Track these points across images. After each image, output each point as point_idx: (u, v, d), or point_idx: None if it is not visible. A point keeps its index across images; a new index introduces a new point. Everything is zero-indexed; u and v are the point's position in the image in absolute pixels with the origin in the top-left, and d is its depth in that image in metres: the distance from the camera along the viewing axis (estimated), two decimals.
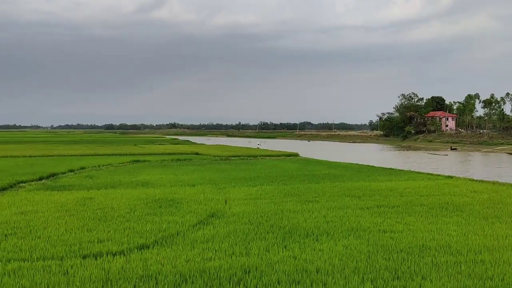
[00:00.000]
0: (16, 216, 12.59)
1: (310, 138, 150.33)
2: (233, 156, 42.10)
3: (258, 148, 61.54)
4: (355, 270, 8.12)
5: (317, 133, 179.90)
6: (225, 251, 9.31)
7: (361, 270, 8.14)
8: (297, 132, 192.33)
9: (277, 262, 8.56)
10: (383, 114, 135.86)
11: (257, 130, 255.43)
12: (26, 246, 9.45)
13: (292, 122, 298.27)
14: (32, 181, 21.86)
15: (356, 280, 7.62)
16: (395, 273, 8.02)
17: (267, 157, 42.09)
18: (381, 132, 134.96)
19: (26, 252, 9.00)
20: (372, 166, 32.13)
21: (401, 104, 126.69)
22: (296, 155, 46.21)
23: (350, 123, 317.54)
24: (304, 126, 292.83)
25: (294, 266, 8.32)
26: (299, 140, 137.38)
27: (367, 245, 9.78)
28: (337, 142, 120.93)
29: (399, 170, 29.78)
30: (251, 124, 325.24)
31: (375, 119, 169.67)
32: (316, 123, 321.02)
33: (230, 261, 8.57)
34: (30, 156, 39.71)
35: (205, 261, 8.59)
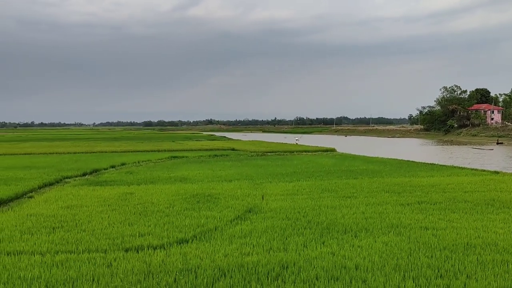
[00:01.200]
0: (63, 210, 13.14)
1: (347, 133, 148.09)
2: (270, 152, 42.12)
3: (297, 143, 61.06)
4: (396, 268, 7.94)
5: (354, 128, 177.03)
6: (262, 246, 9.34)
7: (402, 267, 7.95)
8: (333, 127, 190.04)
9: (315, 258, 8.50)
10: (424, 107, 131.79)
11: (293, 126, 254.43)
12: (72, 239, 9.84)
13: (328, 117, 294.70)
14: (76, 176, 22.74)
15: (397, 277, 7.45)
16: (438, 271, 7.78)
17: (303, 153, 41.83)
18: (422, 126, 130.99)
19: (72, 245, 9.37)
20: (413, 162, 31.28)
21: (443, 97, 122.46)
22: (333, 150, 45.66)
23: (389, 118, 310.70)
24: (341, 121, 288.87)
25: (332, 262, 8.24)
26: (335, 135, 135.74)
27: (408, 242, 9.54)
28: (375, 137, 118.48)
29: (441, 165, 28.83)
30: (287, 120, 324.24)
31: (415, 113, 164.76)
32: (353, 118, 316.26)
33: (268, 256, 8.59)
34: (74, 153, 41.26)
35: (243, 256, 8.65)
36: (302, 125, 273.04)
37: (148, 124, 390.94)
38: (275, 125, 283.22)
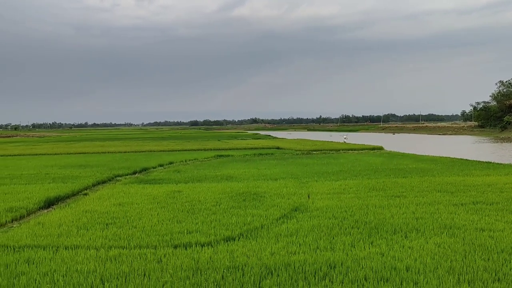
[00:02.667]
0: (115, 207, 13.66)
1: (395, 130, 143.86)
2: (315, 150, 41.72)
3: (345, 142, 59.96)
4: (450, 270, 7.62)
5: (402, 125, 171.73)
6: (309, 245, 9.26)
7: (457, 270, 7.61)
8: (380, 125, 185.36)
9: (363, 258, 8.32)
10: (478, 103, 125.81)
11: (338, 124, 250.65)
12: (124, 234, 10.21)
13: (375, 115, 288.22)
14: (127, 175, 23.57)
15: (451, 280, 7.14)
16: (495, 274, 7.39)
17: (349, 151, 41.10)
18: (476, 123, 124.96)
19: (124, 240, 9.72)
20: (466, 160, 29.89)
21: (499, 91, 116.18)
22: (381, 148, 44.53)
23: (440, 114, 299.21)
24: (388, 118, 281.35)
25: (381, 263, 8.03)
26: (383, 133, 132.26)
27: (463, 244, 9.12)
28: (425, 135, 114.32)
29: (497, 163, 27.35)
30: (332, 118, 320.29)
31: (468, 109, 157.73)
32: (402, 115, 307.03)
33: (314, 256, 8.51)
34: (124, 152, 42.80)
35: (290, 255, 8.61)
36: (348, 123, 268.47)
37: (194, 123, 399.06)
38: (320, 123, 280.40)
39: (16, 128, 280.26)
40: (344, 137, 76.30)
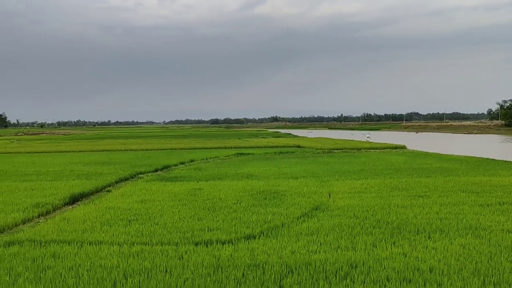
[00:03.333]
0: (137, 204, 13.86)
1: (418, 129, 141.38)
2: (336, 149, 41.40)
3: (368, 140, 59.13)
4: (475, 272, 7.45)
5: (426, 124, 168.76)
6: (330, 244, 9.20)
7: (482, 272, 7.44)
8: (403, 124, 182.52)
9: (385, 258, 8.22)
10: (505, 101, 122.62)
11: (360, 122, 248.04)
12: (147, 231, 10.35)
13: (397, 113, 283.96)
14: (149, 172, 23.88)
15: (476, 282, 6.99)
16: None
17: (371, 150, 40.62)
18: (503, 122, 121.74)
19: (146, 237, 9.85)
20: (493, 159, 29.14)
21: None
22: (403, 147, 43.85)
23: (465, 113, 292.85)
24: (411, 116, 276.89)
25: (404, 263, 7.91)
26: (405, 132, 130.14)
27: (488, 246, 8.90)
28: (450, 134, 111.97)
29: None
30: (353, 116, 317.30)
31: (494, 107, 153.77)
32: (425, 114, 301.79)
33: (335, 255, 8.45)
34: (146, 150, 43.35)
35: (310, 254, 8.57)
36: (370, 121, 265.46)
37: (215, 121, 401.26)
38: (341, 122, 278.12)
39: (42, 125, 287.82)
40: (367, 136, 75.20)
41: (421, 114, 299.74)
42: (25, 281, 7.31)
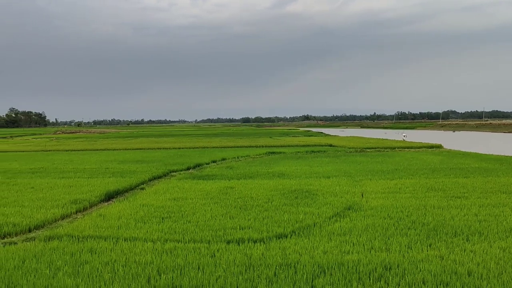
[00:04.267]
0: (170, 201, 14.08)
1: (455, 128, 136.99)
2: (369, 148, 40.70)
3: (404, 140, 57.60)
4: None
5: (463, 122, 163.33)
6: (363, 245, 9.04)
7: None
8: (439, 122, 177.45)
9: (421, 260, 8.00)
10: None
11: (393, 121, 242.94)
12: (179, 229, 10.49)
13: (433, 111, 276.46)
14: (181, 170, 24.21)
15: None
16: None
17: (405, 149, 39.68)
18: None
19: (179, 234, 9.99)
20: None
21: None
22: (439, 146, 42.60)
23: (505, 111, 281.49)
24: (448, 115, 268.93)
25: (441, 266, 7.67)
26: (442, 131, 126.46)
27: None
28: (489, 133, 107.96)
29: None
30: (387, 115, 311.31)
31: None
32: (463, 112, 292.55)
33: (369, 256, 8.30)
34: (179, 148, 43.98)
35: (343, 254, 8.46)
36: (404, 120, 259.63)
37: (246, 120, 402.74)
38: (374, 120, 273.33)
39: (79, 124, 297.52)
40: (404, 135, 73.09)
41: (458, 113, 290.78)
42: (64, 274, 7.56)
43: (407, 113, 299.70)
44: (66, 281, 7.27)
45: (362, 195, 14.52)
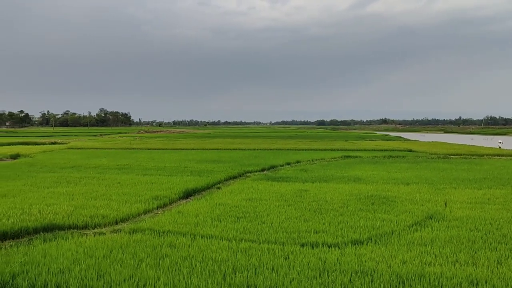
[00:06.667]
0: (245, 202, 14.32)
1: None
2: (453, 154, 38.23)
3: (500, 147, 53.05)
4: None
5: None
6: (446, 257, 8.50)
7: None
8: None
9: None
10: None
11: (482, 126, 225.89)
12: (254, 229, 10.63)
13: None
14: (256, 171, 24.54)
15: None
16: None
17: (495, 156, 36.70)
18: None
19: (254, 235, 10.12)
20: None
21: None
22: None
23: None
24: None
25: None
26: None
27: None
28: None
29: None
30: (474, 119, 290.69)
31: None
32: None
33: (453, 269, 7.77)
34: (253, 149, 44.62)
35: (424, 265, 8.01)
36: (494, 125, 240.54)
37: (321, 123, 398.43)
38: (460, 125, 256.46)
39: (160, 124, 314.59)
40: (500, 141, 67.09)
41: None
42: (147, 266, 8.00)
43: (497, 117, 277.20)
44: (149, 272, 7.68)
45: (446, 204, 13.67)
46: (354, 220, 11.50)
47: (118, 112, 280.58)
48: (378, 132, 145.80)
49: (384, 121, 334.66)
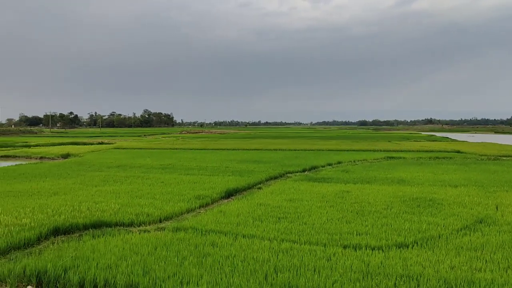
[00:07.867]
0: (286, 202, 14.29)
1: None
2: (505, 156, 36.42)
3: None
4: None
5: None
6: (498, 263, 8.10)
7: None
8: None
9: None
10: None
11: None
12: (295, 229, 10.57)
13: None
14: (297, 172, 24.43)
15: None
16: None
17: None
18: None
19: (295, 235, 10.07)
20: None
21: None
22: None
23: None
24: None
25: None
26: None
27: None
28: None
29: None
30: None
31: None
32: None
33: (505, 276, 7.40)
34: (294, 150, 44.43)
35: (474, 271, 7.67)
36: None
37: (362, 123, 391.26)
38: (511, 125, 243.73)
39: (201, 125, 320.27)
40: None
41: None
42: (190, 264, 8.15)
43: None
44: (192, 270, 7.81)
45: (497, 208, 13.04)
46: (398, 223, 11.19)
47: (161, 113, 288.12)
48: (423, 133, 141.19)
49: (430, 121, 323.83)
